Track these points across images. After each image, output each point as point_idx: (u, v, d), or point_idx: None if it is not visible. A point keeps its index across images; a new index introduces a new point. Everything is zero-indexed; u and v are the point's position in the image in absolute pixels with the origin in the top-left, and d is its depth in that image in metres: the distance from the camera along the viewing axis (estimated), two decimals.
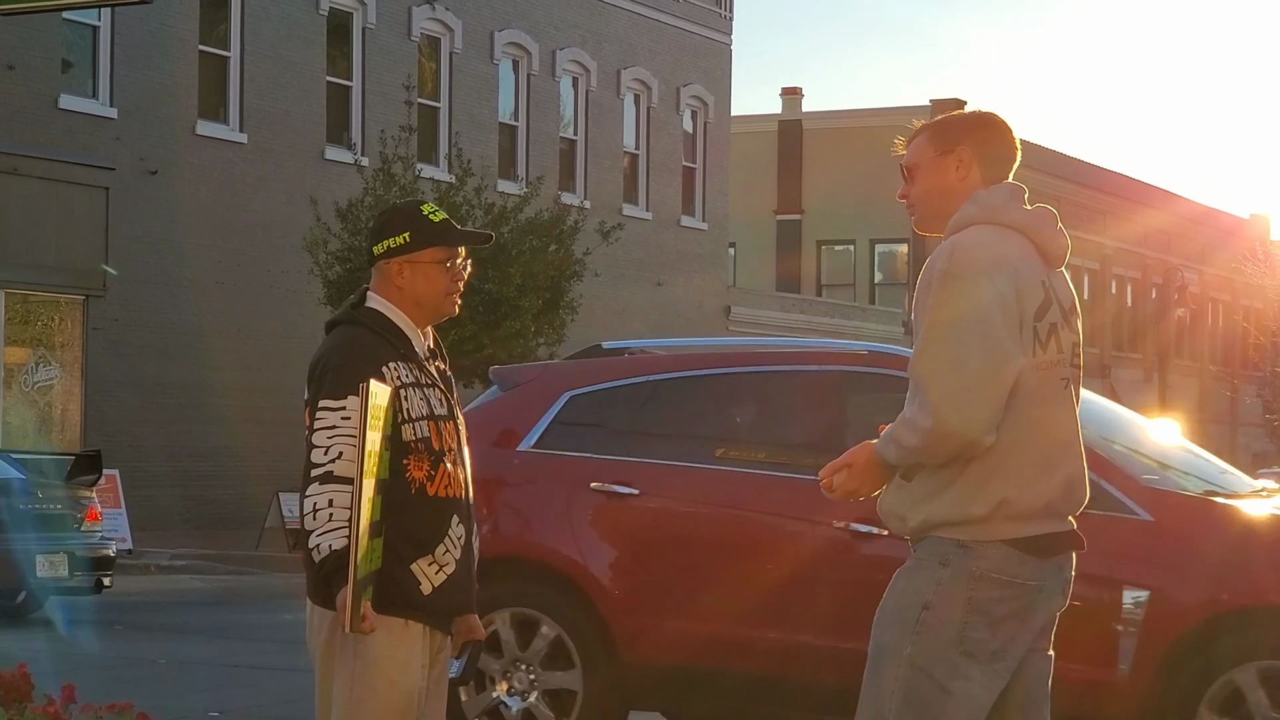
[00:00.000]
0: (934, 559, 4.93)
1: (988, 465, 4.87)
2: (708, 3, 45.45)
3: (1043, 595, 4.97)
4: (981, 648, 4.89)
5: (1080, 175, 62.58)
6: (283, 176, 32.97)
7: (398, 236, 5.40)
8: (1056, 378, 4.97)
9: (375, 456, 5.02)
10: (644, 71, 43.15)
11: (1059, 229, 5.10)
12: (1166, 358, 64.31)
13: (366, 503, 4.96)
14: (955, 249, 4.90)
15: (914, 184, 5.15)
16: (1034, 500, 4.90)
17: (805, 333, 49.30)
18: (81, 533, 18.13)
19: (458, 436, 5.42)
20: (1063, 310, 5.04)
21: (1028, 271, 4.94)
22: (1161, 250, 68.11)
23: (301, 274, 30.00)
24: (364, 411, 4.92)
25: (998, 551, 4.89)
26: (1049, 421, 4.94)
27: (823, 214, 58.11)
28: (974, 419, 4.78)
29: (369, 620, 5.06)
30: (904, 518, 5.00)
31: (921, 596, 4.92)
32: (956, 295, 4.84)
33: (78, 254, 29.04)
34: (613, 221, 33.92)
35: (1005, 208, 5.02)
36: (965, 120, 5.17)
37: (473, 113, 37.85)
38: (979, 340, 4.80)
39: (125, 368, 30.08)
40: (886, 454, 4.92)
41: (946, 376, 4.80)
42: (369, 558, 5.06)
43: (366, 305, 5.43)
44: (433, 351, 5.53)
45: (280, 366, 30.25)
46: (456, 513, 5.35)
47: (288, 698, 12.21)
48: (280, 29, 33.17)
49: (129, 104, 30.32)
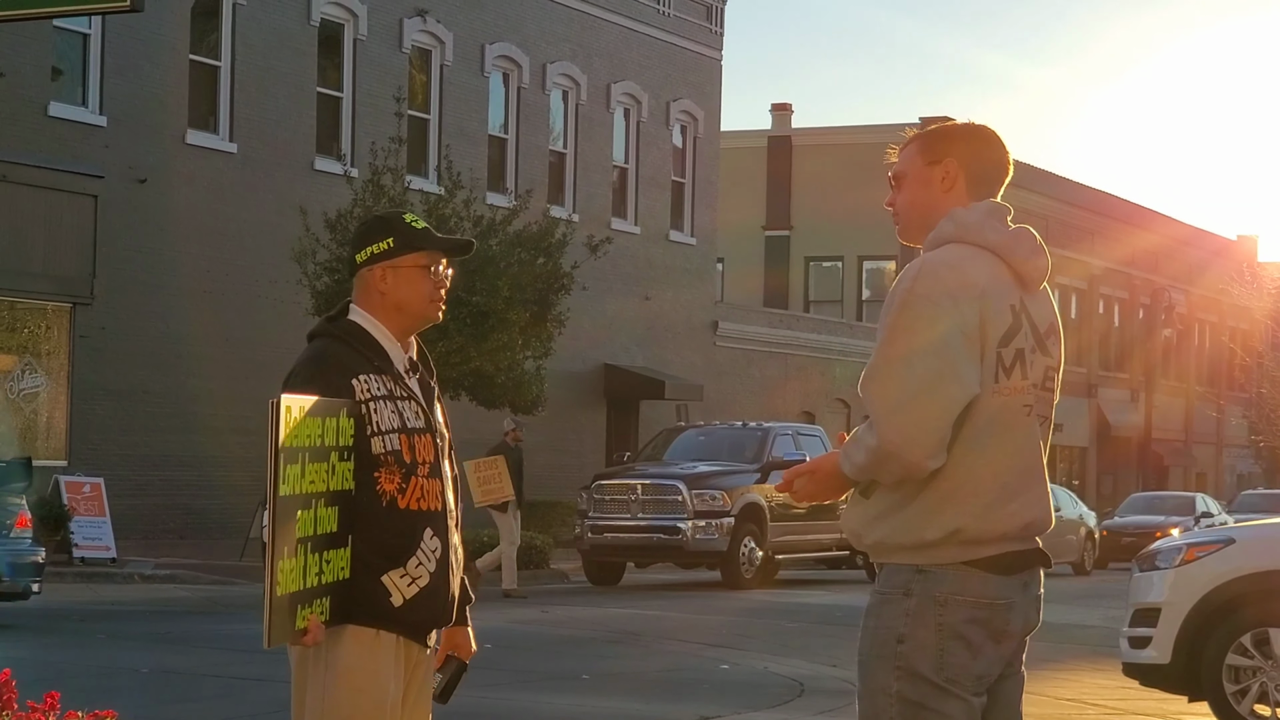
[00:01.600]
0: (897, 590, 4.90)
1: (942, 490, 4.83)
2: (698, 18, 45.51)
3: (1015, 613, 4.93)
4: (964, 672, 4.86)
5: (1069, 195, 62.69)
6: (272, 186, 32.96)
7: (380, 242, 5.42)
8: (1019, 404, 4.91)
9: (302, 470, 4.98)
10: (634, 86, 43.20)
11: (1037, 250, 5.03)
12: (1153, 378, 64.39)
13: (287, 519, 4.93)
14: (922, 269, 4.87)
15: (900, 192, 5.12)
16: (988, 529, 4.86)
17: (792, 348, 49.34)
18: (10, 539, 18.14)
19: (435, 450, 5.41)
20: (1037, 334, 4.98)
21: (995, 296, 4.88)
22: (1149, 270, 68.23)
23: (290, 284, 29.99)
24: (274, 429, 4.88)
25: (957, 573, 4.86)
26: (1008, 448, 4.89)
27: (811, 230, 58.19)
28: (917, 442, 4.74)
29: (313, 634, 5.06)
30: (859, 535, 4.98)
31: (893, 631, 4.88)
32: (916, 317, 4.80)
33: (66, 262, 29.01)
34: (601, 235, 33.93)
35: (981, 227, 4.96)
36: (956, 131, 5.13)
37: (463, 125, 37.88)
38: (932, 364, 4.75)
39: (111, 376, 30.04)
40: (844, 467, 4.91)
41: (893, 396, 4.77)
42: (310, 572, 5.04)
43: (347, 318, 5.45)
44: (414, 364, 5.52)
45: (267, 376, 30.17)
46: (430, 526, 5.34)
47: (269, 708, 12.20)
48: (271, 39, 33.18)
49: (119, 112, 30.31)
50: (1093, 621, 22.73)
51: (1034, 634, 5.11)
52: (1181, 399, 70.78)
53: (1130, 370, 67.36)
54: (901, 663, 4.86)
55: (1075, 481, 60.32)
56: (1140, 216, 68.21)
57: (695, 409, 42.77)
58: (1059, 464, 61.89)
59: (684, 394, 42.74)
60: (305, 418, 4.99)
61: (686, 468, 28.93)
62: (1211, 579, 12.65)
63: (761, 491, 28.44)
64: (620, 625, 20.50)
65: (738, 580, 27.91)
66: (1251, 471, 71.48)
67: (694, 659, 17.09)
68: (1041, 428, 5.02)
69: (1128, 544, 44.04)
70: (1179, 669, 12.69)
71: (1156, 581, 12.93)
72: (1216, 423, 71.16)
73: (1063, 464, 62.53)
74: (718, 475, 28.61)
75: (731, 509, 28.03)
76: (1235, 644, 12.52)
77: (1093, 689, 15.31)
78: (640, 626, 20.40)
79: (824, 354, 50.16)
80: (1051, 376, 5.05)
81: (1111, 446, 66.32)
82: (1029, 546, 4.98)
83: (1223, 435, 73.42)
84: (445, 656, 5.59)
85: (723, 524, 27.91)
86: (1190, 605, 12.63)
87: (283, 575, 4.92)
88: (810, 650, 17.86)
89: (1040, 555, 5.03)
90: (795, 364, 49.42)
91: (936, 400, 4.75)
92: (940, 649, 4.85)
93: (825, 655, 17.10)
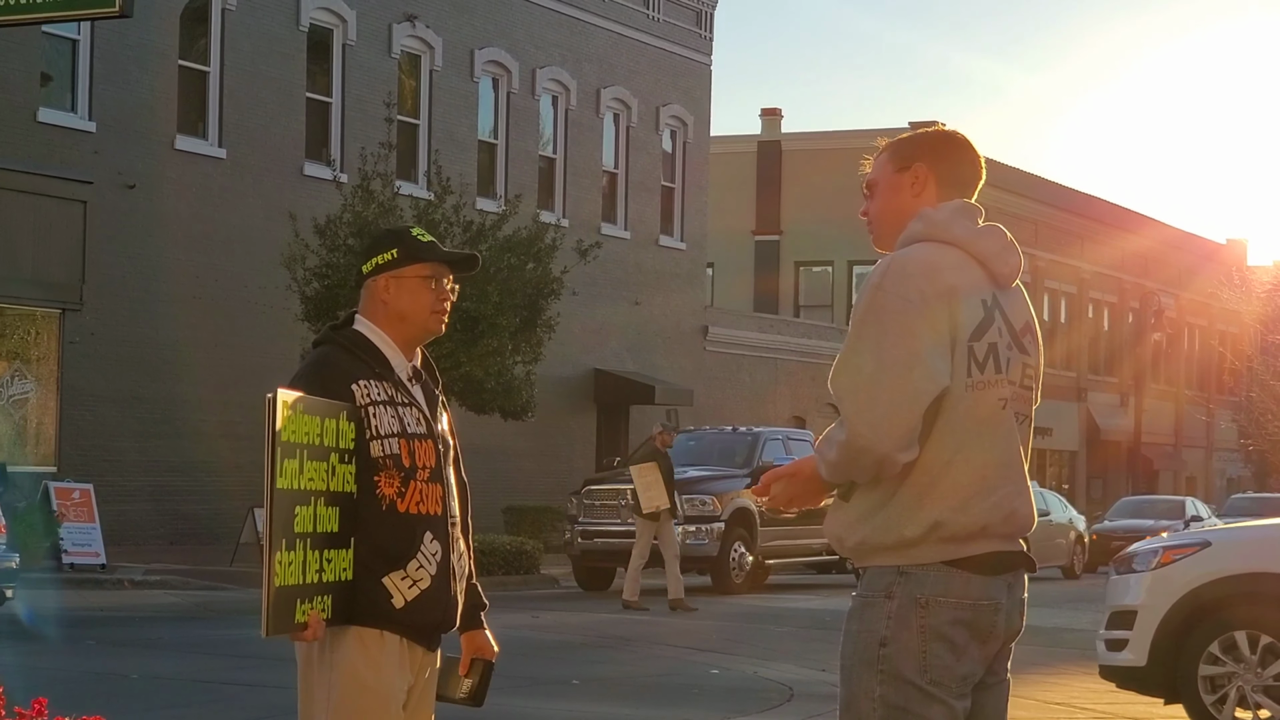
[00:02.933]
0: (879, 594, 4.89)
1: (920, 486, 4.83)
2: (688, 23, 45.53)
3: (1000, 615, 4.92)
4: (948, 674, 4.85)
5: (1058, 199, 62.76)
6: (261, 192, 32.94)
7: (386, 253, 5.56)
8: (994, 399, 4.90)
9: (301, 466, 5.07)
10: (624, 91, 43.21)
11: (1008, 246, 5.03)
12: (1143, 382, 64.44)
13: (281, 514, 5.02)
14: (892, 264, 4.88)
15: (873, 200, 5.15)
16: (968, 523, 4.84)
17: (782, 353, 49.36)
18: None
19: (437, 455, 5.50)
20: (1012, 331, 4.98)
21: (965, 291, 4.88)
22: (1138, 274, 68.29)
23: (279, 290, 29.96)
24: (271, 422, 4.98)
25: (939, 574, 4.85)
26: (985, 443, 4.88)
27: (801, 235, 58.22)
28: (886, 434, 4.74)
29: (313, 629, 5.16)
30: (842, 539, 4.97)
31: (876, 634, 4.87)
32: (884, 311, 4.81)
33: (55, 268, 28.98)
34: (591, 240, 33.93)
35: (949, 224, 4.97)
36: (925, 137, 5.15)
37: (452, 130, 37.87)
38: (900, 356, 4.76)
39: (101, 382, 30.02)
40: (819, 468, 4.92)
41: (863, 391, 4.79)
42: (309, 568, 5.12)
43: (351, 327, 5.58)
44: (418, 372, 5.61)
45: (257, 381, 29.93)
46: (430, 529, 5.44)
47: (259, 713, 12.19)
48: (260, 44, 33.16)
49: (108, 118, 30.30)
50: (1082, 625, 22.73)
51: (1023, 638, 5.11)
52: (1171, 403, 70.84)
53: (1120, 374, 67.42)
54: (885, 666, 4.85)
55: (1065, 485, 60.37)
56: (1129, 220, 68.29)
57: (685, 414, 42.77)
58: (1049, 467, 61.95)
59: (674, 399, 42.75)
60: (302, 414, 5.11)
61: (677, 472, 28.93)
62: (1187, 582, 12.63)
63: (751, 496, 28.44)
64: (610, 630, 20.51)
65: (728, 585, 27.92)
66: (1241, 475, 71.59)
67: (684, 664, 17.09)
68: (1021, 426, 5.01)
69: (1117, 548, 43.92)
70: (1155, 672, 12.67)
71: (1133, 584, 12.92)
72: (1206, 426, 71.25)
73: (1052, 468, 62.59)
74: (708, 480, 28.62)
75: (721, 514, 28.04)
76: (1209, 650, 12.51)
77: (1081, 693, 15.30)
78: (630, 632, 20.41)
79: (814, 359, 50.18)
80: (1030, 375, 5.04)
81: (1101, 450, 66.38)
82: (1013, 547, 4.97)
83: (1212, 439, 73.49)
84: (470, 660, 5.82)
85: (713, 529, 27.92)
86: (1166, 608, 12.61)
87: (280, 567, 5.02)
88: (800, 655, 17.86)
89: (1024, 558, 5.01)
90: (785, 369, 49.44)
91: (905, 392, 4.76)
92: (923, 651, 4.84)
93: (814, 660, 17.10)
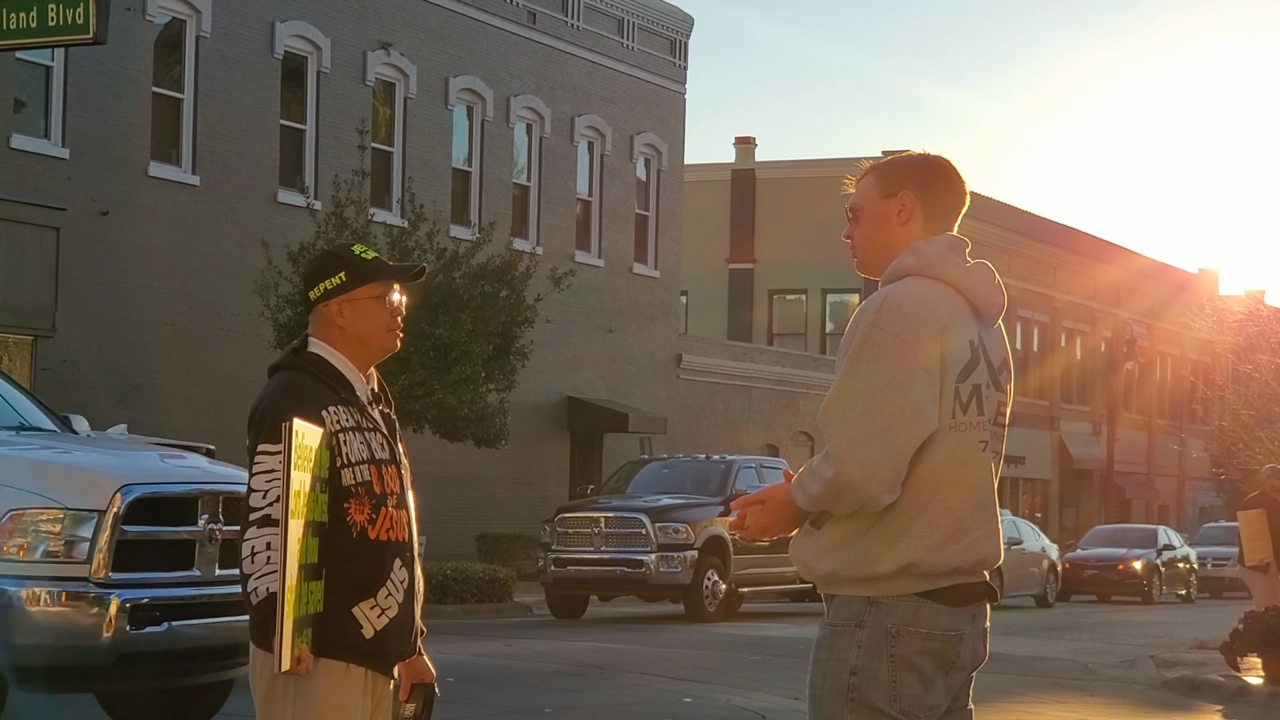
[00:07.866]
0: (849, 622, 4.89)
1: (896, 524, 4.82)
2: (662, 51, 45.60)
3: (965, 645, 4.92)
4: (917, 704, 4.85)
5: (1032, 229, 62.91)
6: (235, 219, 32.90)
7: (333, 278, 5.46)
8: (974, 440, 4.91)
9: (301, 497, 5.03)
10: (598, 119, 43.26)
11: (996, 285, 5.04)
12: (1115, 411, 64.58)
13: (295, 543, 4.98)
14: (886, 301, 4.86)
15: (858, 226, 5.11)
16: (941, 563, 4.85)
17: (756, 382, 49.38)
18: None
19: (401, 480, 5.46)
20: (991, 370, 4.98)
21: (957, 331, 4.88)
22: (1111, 304, 68.47)
23: (252, 317, 29.92)
24: (288, 451, 4.94)
25: (909, 604, 4.85)
26: (963, 485, 4.88)
27: (775, 264, 58.28)
28: (875, 476, 4.73)
29: (305, 662, 5.10)
30: (811, 566, 4.95)
31: (846, 663, 4.87)
32: (879, 350, 4.78)
33: (27, 294, 28.89)
34: (565, 268, 33.95)
35: (942, 261, 4.95)
36: (911, 163, 5.11)
37: (426, 158, 37.88)
38: (895, 399, 4.75)
39: (73, 409, 29.73)
40: (796, 498, 4.88)
41: (853, 429, 4.75)
42: (303, 600, 5.08)
43: (308, 350, 5.48)
44: (376, 395, 5.56)
45: (230, 409, 30.07)
46: (399, 556, 5.39)
47: None
48: (234, 72, 33.15)
49: (81, 144, 30.24)
50: (1055, 654, 22.75)
51: (995, 666, 5.11)
52: (1144, 432, 71.00)
53: (1092, 403, 67.55)
54: (855, 694, 4.85)
55: (1038, 514, 60.42)
56: (1102, 250, 68.49)
57: (659, 442, 42.78)
58: (1021, 496, 62.01)
59: (648, 427, 42.74)
60: (307, 443, 5.07)
61: (650, 500, 28.90)
62: None
63: (725, 524, 28.41)
64: (583, 658, 20.46)
65: (701, 613, 27.89)
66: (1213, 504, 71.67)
67: (657, 692, 17.06)
68: (994, 462, 5.02)
69: (1090, 576, 44.18)
70: None
71: None
72: (1179, 455, 71.34)
73: (1025, 496, 62.65)
74: (681, 508, 28.59)
75: (695, 542, 28.02)
76: None
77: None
78: (603, 659, 20.37)
79: (788, 387, 50.22)
80: (1002, 411, 5.05)
81: (1074, 479, 66.47)
82: (977, 579, 4.98)
83: (1185, 468, 73.62)
84: (411, 686, 5.62)
85: (686, 557, 27.89)
86: None
87: (296, 601, 4.99)
88: (773, 683, 17.84)
89: (988, 589, 5.03)
90: (759, 397, 49.45)
91: (898, 437, 4.74)
92: (893, 680, 4.84)
93: (788, 688, 17.07)
